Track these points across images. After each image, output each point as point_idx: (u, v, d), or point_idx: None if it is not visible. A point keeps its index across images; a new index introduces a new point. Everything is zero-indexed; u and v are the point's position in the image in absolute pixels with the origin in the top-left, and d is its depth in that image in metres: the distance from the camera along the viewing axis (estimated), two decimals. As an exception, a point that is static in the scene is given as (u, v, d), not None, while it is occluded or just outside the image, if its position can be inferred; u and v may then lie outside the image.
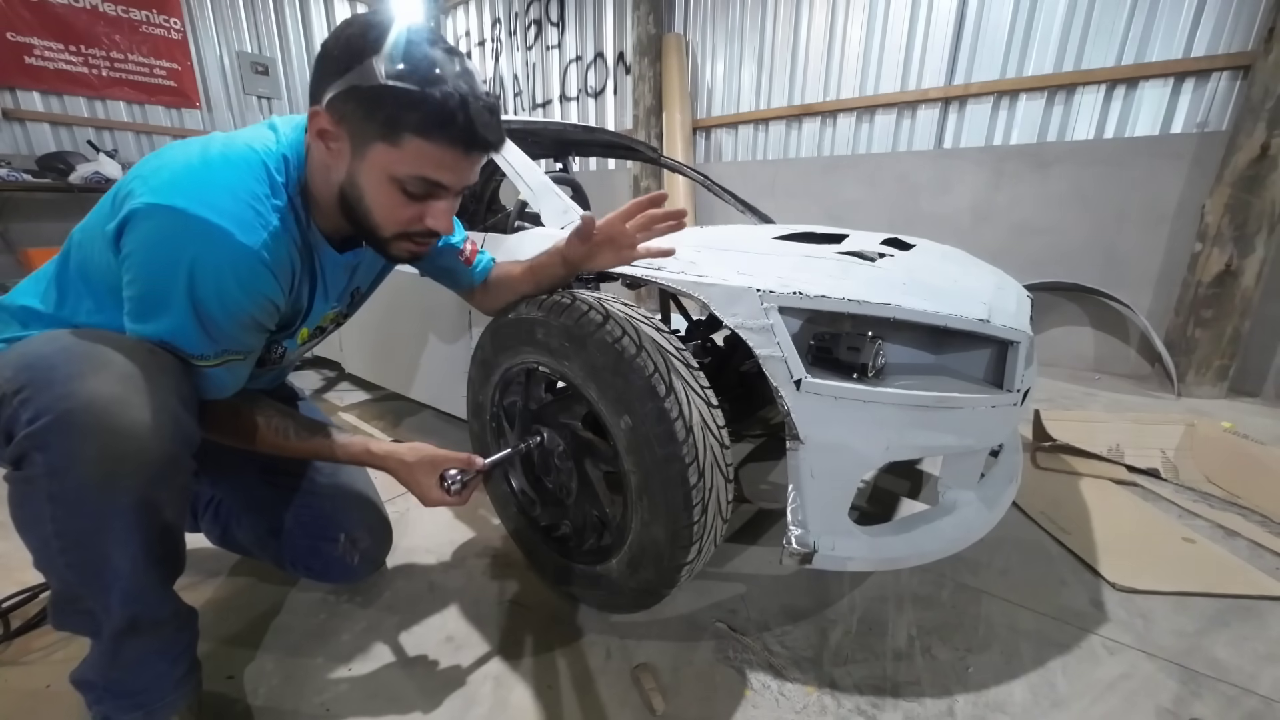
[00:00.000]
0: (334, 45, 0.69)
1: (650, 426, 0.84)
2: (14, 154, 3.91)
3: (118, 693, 0.75)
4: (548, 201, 1.35)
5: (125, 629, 0.72)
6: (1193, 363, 2.49)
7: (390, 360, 1.86)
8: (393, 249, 0.80)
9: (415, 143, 0.69)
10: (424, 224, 0.77)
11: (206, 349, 0.73)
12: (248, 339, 0.78)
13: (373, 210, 0.75)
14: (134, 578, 0.70)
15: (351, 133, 0.70)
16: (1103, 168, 2.73)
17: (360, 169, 0.72)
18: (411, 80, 0.65)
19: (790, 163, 3.85)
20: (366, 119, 0.68)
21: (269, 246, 0.71)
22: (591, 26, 4.81)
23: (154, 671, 0.77)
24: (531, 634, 1.07)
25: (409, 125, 0.67)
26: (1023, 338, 1.01)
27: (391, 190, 0.73)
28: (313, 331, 0.96)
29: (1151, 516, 1.49)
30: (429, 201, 0.76)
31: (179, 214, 0.65)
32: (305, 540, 1.06)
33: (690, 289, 0.97)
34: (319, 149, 0.73)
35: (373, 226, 0.77)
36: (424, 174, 0.72)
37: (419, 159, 0.70)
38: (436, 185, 0.74)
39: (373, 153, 0.70)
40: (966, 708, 0.92)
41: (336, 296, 0.94)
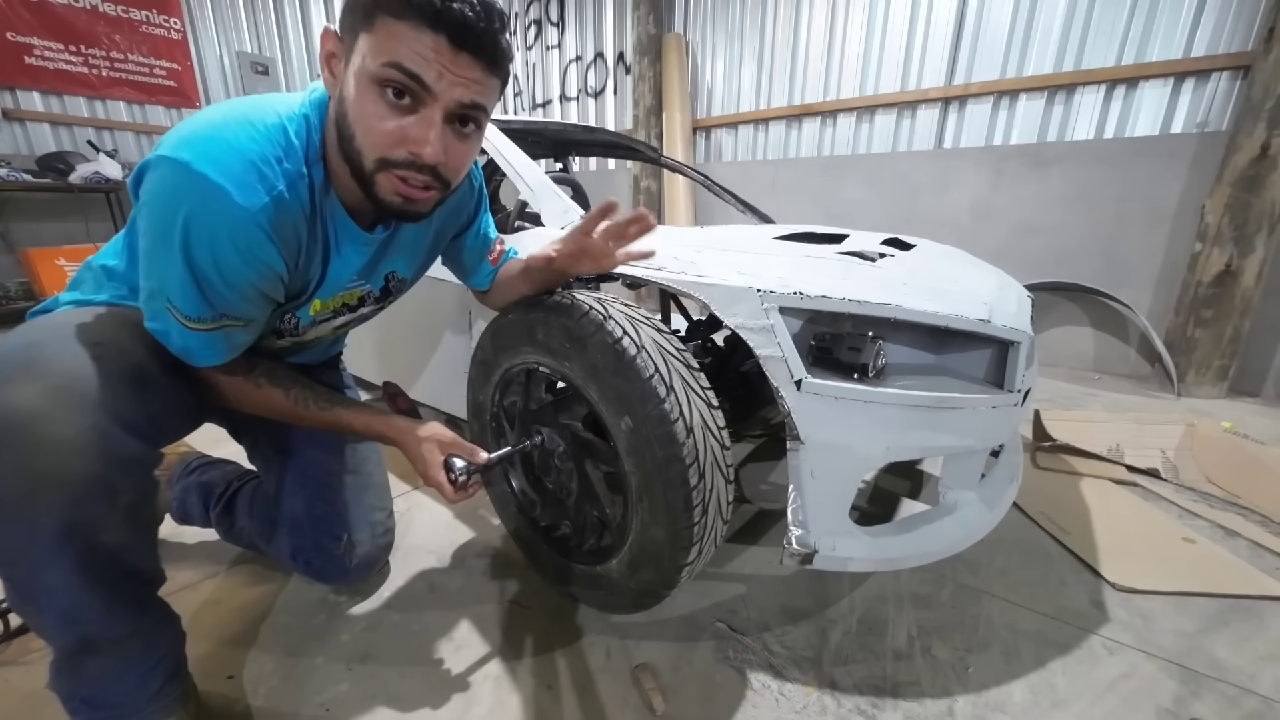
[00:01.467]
0: None
1: (651, 427, 0.84)
2: (14, 154, 3.91)
3: (92, 704, 0.74)
4: (548, 201, 1.35)
5: (76, 648, 0.70)
6: (1193, 363, 2.49)
7: (390, 360, 1.85)
8: (379, 187, 0.72)
9: (385, 22, 0.63)
10: (405, 148, 0.68)
11: (203, 311, 0.72)
12: (247, 307, 0.76)
13: (355, 128, 0.69)
14: (71, 598, 0.66)
15: (346, 44, 0.68)
16: (1103, 168, 2.73)
17: (348, 79, 0.68)
18: None
19: (790, 163, 3.85)
20: (352, 16, 0.66)
21: (269, 211, 0.69)
22: (591, 26, 4.81)
23: (122, 687, 0.74)
24: (531, 634, 1.07)
25: (381, 4, 0.63)
26: (1023, 338, 1.01)
27: (370, 94, 0.66)
28: (337, 308, 0.93)
29: (1151, 516, 1.49)
30: (412, 116, 0.67)
31: (182, 168, 0.64)
32: (312, 534, 1.07)
33: (691, 289, 0.97)
34: (327, 80, 0.72)
35: (357, 153, 0.70)
36: (397, 59, 0.63)
37: (389, 40, 0.63)
38: (414, 79, 0.64)
39: (355, 53, 0.66)
40: (966, 708, 0.92)
41: (358, 272, 0.90)
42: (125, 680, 0.75)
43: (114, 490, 0.66)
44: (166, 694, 0.79)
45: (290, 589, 1.19)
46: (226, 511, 1.19)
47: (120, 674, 0.74)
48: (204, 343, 0.75)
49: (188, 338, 0.74)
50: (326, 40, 0.70)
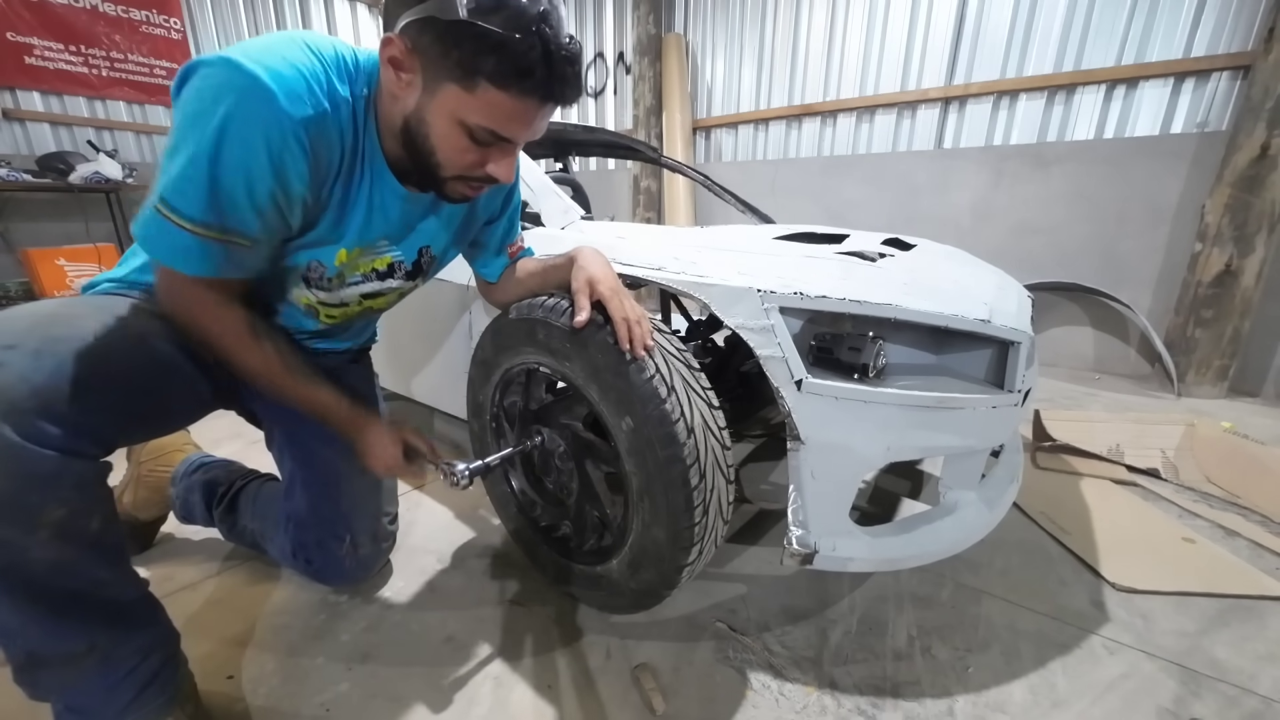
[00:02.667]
0: None
1: (652, 428, 0.84)
2: (14, 154, 3.91)
3: (73, 709, 0.73)
4: (548, 201, 1.35)
5: (26, 663, 0.68)
6: (1193, 363, 2.49)
7: (390, 360, 1.85)
8: (448, 189, 0.79)
9: (490, 92, 0.65)
10: (485, 170, 0.75)
11: (208, 216, 0.67)
12: (256, 222, 0.71)
13: (437, 149, 0.72)
14: (3, 617, 0.64)
15: (424, 66, 0.67)
16: (1103, 168, 2.73)
17: (429, 106, 0.69)
18: (494, 20, 0.61)
19: (790, 163, 3.85)
20: (442, 55, 0.65)
21: (311, 125, 0.67)
22: (591, 26, 4.81)
23: (93, 696, 0.72)
24: (531, 634, 1.07)
25: (486, 71, 0.64)
26: (1023, 338, 1.01)
27: (459, 134, 0.70)
28: (367, 272, 0.91)
29: (1151, 516, 1.49)
30: (494, 150, 0.73)
31: (234, 66, 0.62)
32: (315, 532, 1.06)
33: (691, 289, 0.97)
34: (389, 76, 0.70)
35: (434, 164, 0.74)
36: (494, 127, 0.69)
37: (492, 110, 0.67)
38: (504, 139, 0.71)
39: (444, 93, 0.67)
40: (966, 708, 0.92)
41: (388, 231, 0.88)
42: (92, 692, 0.72)
43: (31, 509, 0.61)
44: (144, 704, 0.76)
45: (290, 589, 1.19)
46: (229, 510, 1.19)
47: (84, 686, 0.71)
48: (200, 248, 0.69)
49: (180, 237, 0.67)
50: (392, 46, 0.67)
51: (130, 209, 4.23)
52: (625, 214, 4.62)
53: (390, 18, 0.67)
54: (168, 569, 1.24)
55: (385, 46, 0.68)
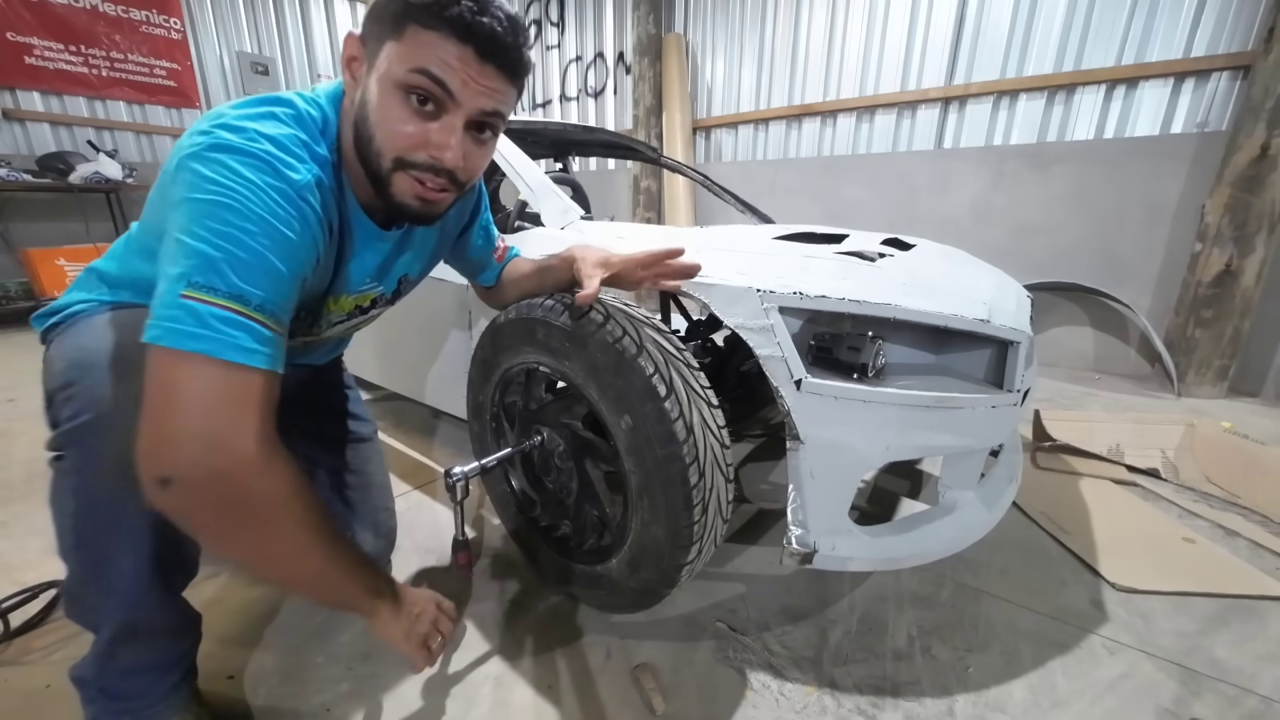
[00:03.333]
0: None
1: (651, 427, 0.84)
2: (14, 154, 3.91)
3: (110, 695, 0.76)
4: (548, 201, 1.35)
5: (123, 632, 0.73)
6: (1193, 363, 2.49)
7: (390, 360, 1.85)
8: (395, 187, 0.72)
9: (415, 31, 0.65)
10: (426, 151, 0.69)
11: (249, 295, 0.59)
12: (288, 304, 0.65)
13: (376, 129, 0.69)
14: (136, 584, 0.70)
15: (369, 50, 0.68)
16: (1103, 168, 2.73)
17: (370, 83, 0.69)
18: None
19: (790, 163, 3.85)
20: (378, 24, 0.66)
21: (312, 188, 0.67)
22: (591, 26, 4.81)
23: (144, 680, 0.77)
24: (531, 634, 1.07)
25: (411, 14, 0.64)
26: (1023, 338, 1.01)
27: (395, 99, 0.67)
28: (350, 311, 0.92)
29: (1151, 516, 1.49)
30: (434, 121, 0.68)
31: (229, 148, 0.61)
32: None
33: (691, 289, 0.97)
34: (347, 81, 0.72)
35: (375, 153, 0.70)
36: (425, 65, 0.65)
37: (418, 48, 0.65)
38: (440, 86, 0.66)
39: (380, 58, 0.67)
40: (966, 708, 0.92)
41: (373, 274, 0.89)
42: (150, 672, 0.77)
43: None
44: (181, 690, 0.81)
45: (290, 589, 1.19)
46: None
47: (149, 666, 0.77)
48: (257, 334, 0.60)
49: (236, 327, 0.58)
50: (349, 44, 0.70)
51: (130, 209, 4.23)
52: (625, 214, 4.62)
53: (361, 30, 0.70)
54: (167, 569, 1.24)
55: (345, 48, 0.70)
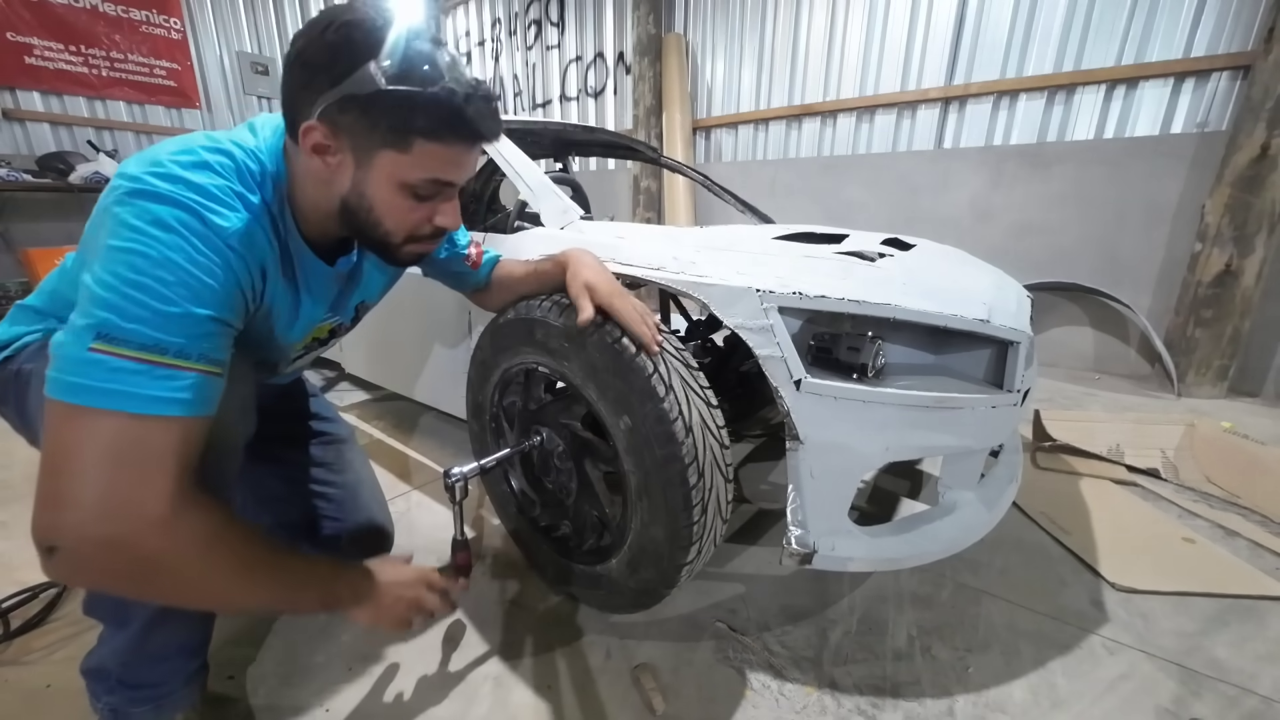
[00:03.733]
0: (315, 52, 0.64)
1: (650, 427, 0.84)
2: (14, 154, 3.91)
3: (131, 684, 0.77)
4: (548, 201, 1.35)
5: (157, 618, 0.73)
6: (1193, 363, 2.49)
7: (390, 360, 1.85)
8: (403, 253, 0.79)
9: (425, 146, 0.67)
10: (433, 224, 0.77)
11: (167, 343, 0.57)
12: (218, 344, 0.63)
13: (383, 219, 0.73)
14: None
15: (354, 144, 0.67)
16: (1103, 168, 2.73)
17: (367, 179, 0.69)
18: (412, 81, 0.63)
19: (790, 163, 3.85)
20: (369, 128, 0.65)
21: (239, 236, 0.65)
22: (591, 26, 4.80)
23: (170, 665, 0.78)
24: (531, 634, 1.07)
25: (418, 130, 0.66)
26: (1023, 338, 1.01)
27: (402, 197, 0.71)
28: (308, 344, 0.94)
29: (1151, 516, 1.49)
30: (437, 201, 0.75)
31: (155, 194, 0.60)
32: (309, 537, 1.06)
33: (690, 289, 0.97)
34: (315, 164, 0.69)
35: (383, 234, 0.75)
36: (435, 175, 0.71)
37: (430, 162, 0.69)
38: (447, 184, 0.74)
39: (380, 161, 0.68)
40: (966, 708, 0.92)
41: (329, 306, 0.89)
42: (177, 657, 0.79)
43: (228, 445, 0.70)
44: (198, 678, 0.83)
45: (290, 589, 1.19)
46: None
47: (176, 649, 0.78)
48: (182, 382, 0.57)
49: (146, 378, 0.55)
50: (314, 133, 0.65)
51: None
52: (625, 214, 4.62)
53: (301, 105, 0.65)
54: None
55: (306, 135, 0.66)
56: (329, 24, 0.64)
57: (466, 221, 2.26)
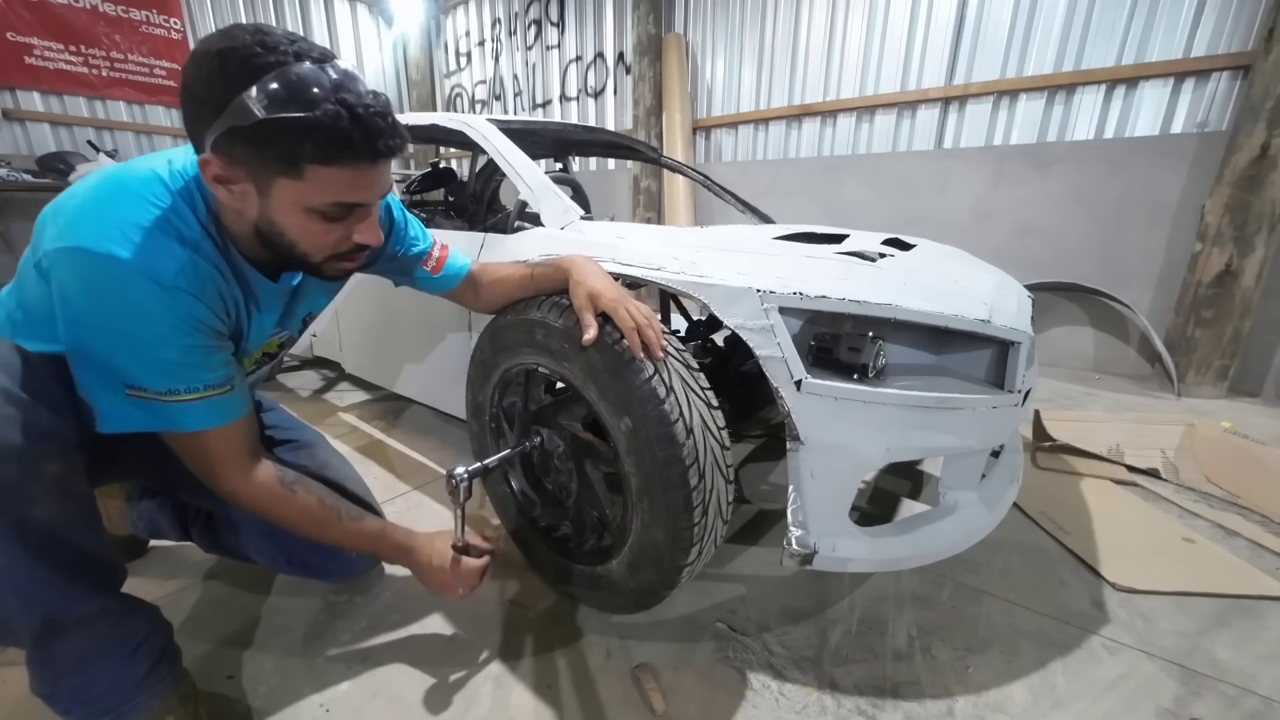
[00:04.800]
0: (196, 84, 0.63)
1: (651, 429, 0.84)
2: (14, 154, 3.91)
3: (81, 699, 0.74)
4: (548, 201, 1.35)
5: (43, 631, 0.69)
6: (1193, 363, 2.49)
7: (390, 360, 1.85)
8: (326, 270, 0.79)
9: (319, 171, 0.65)
10: (352, 242, 0.76)
11: (174, 384, 0.71)
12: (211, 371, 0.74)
13: (298, 242, 0.72)
14: (20, 574, 0.65)
15: (249, 173, 0.66)
16: (1103, 168, 2.73)
17: (271, 206, 0.68)
18: (292, 108, 0.60)
19: (790, 163, 3.85)
20: (260, 158, 0.64)
21: (185, 274, 0.68)
22: (591, 26, 4.80)
23: (105, 674, 0.74)
24: (531, 634, 1.07)
25: (306, 156, 0.64)
26: (1024, 338, 1.01)
27: (311, 220, 0.70)
28: (259, 359, 0.94)
29: (1151, 516, 1.49)
30: (351, 221, 0.74)
31: (84, 255, 0.63)
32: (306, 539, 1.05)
33: (690, 289, 0.97)
34: (221, 193, 0.68)
35: (301, 255, 0.75)
36: (338, 199, 0.69)
37: (328, 186, 0.67)
38: (355, 205, 0.72)
39: (278, 189, 0.67)
40: (966, 708, 0.92)
41: (276, 321, 0.90)
42: (106, 665, 0.74)
43: (29, 457, 0.64)
44: (157, 679, 0.78)
45: (290, 589, 1.19)
46: (207, 528, 1.13)
47: (99, 659, 0.73)
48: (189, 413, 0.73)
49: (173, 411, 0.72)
50: (211, 166, 0.66)
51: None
52: (625, 214, 4.62)
53: (196, 138, 0.66)
54: (166, 569, 1.24)
55: (204, 168, 0.66)
56: (205, 54, 0.62)
57: (467, 221, 2.26)
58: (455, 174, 2.49)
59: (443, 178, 2.45)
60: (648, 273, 1.04)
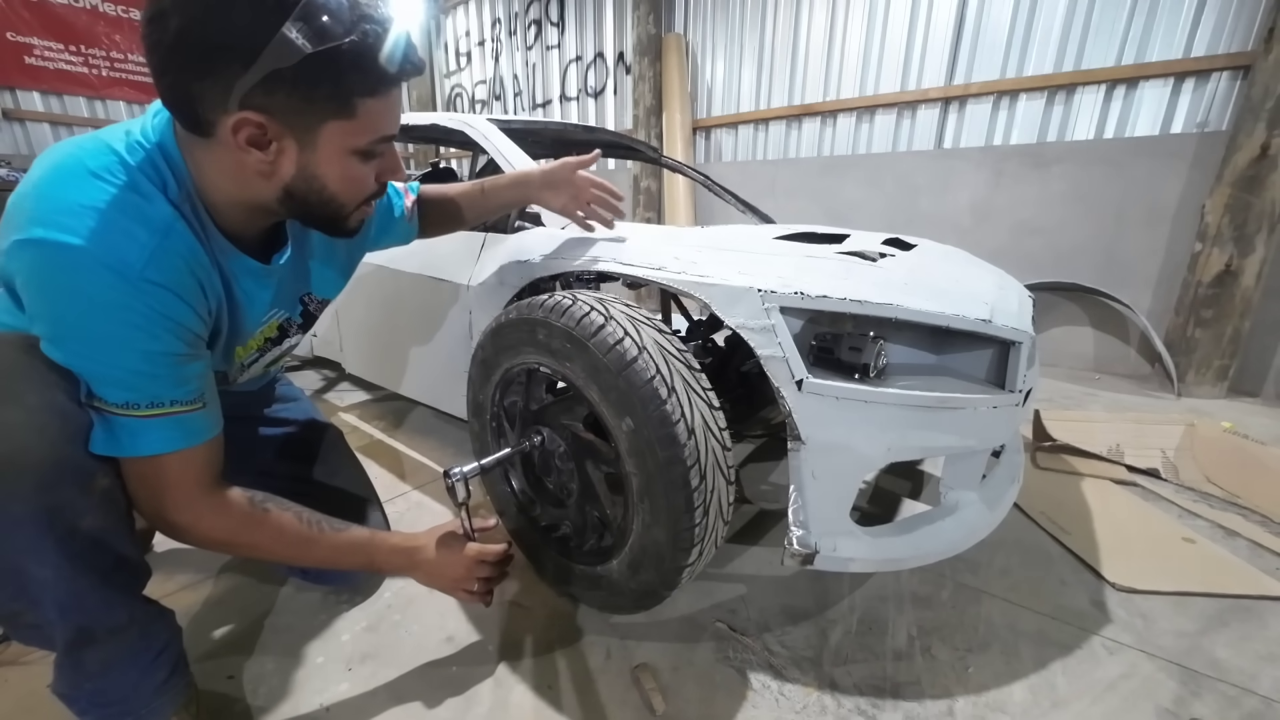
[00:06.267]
0: (207, 32, 0.55)
1: (653, 429, 0.84)
2: (14, 154, 3.91)
3: (100, 703, 0.74)
4: (548, 201, 1.35)
5: (76, 639, 0.69)
6: (1193, 363, 2.49)
7: (390, 360, 1.85)
8: (352, 221, 0.74)
9: (368, 104, 0.62)
10: (378, 183, 0.72)
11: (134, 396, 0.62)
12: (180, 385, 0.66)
13: (338, 194, 0.68)
14: (63, 587, 0.64)
15: (292, 124, 0.60)
16: (1103, 168, 2.73)
17: (316, 159, 0.64)
18: (336, 35, 0.56)
19: (790, 163, 3.85)
20: (306, 101, 0.59)
21: (155, 263, 0.61)
22: (591, 26, 4.80)
23: (128, 680, 0.74)
24: (531, 634, 1.07)
25: (359, 89, 0.60)
26: (1025, 338, 1.01)
27: (354, 164, 0.67)
28: (261, 346, 0.88)
29: (1151, 516, 1.49)
30: (383, 158, 0.71)
31: (36, 246, 0.56)
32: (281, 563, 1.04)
33: (692, 289, 0.97)
34: (249, 159, 0.62)
35: (336, 209, 0.70)
36: (383, 132, 0.66)
37: (375, 120, 0.64)
38: (391, 136, 0.69)
39: (326, 135, 0.62)
40: (966, 708, 0.92)
41: (269, 304, 0.83)
42: (129, 672, 0.74)
43: (86, 472, 0.62)
44: (172, 686, 0.79)
45: (290, 589, 1.19)
46: None
47: (123, 665, 0.74)
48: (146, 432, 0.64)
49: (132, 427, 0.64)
50: (244, 128, 0.59)
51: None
52: (625, 214, 4.62)
53: (206, 98, 0.59)
54: (167, 569, 1.24)
55: (238, 131, 0.59)
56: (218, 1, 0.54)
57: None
58: (455, 174, 2.49)
59: (443, 178, 2.45)
60: (649, 272, 1.04)
